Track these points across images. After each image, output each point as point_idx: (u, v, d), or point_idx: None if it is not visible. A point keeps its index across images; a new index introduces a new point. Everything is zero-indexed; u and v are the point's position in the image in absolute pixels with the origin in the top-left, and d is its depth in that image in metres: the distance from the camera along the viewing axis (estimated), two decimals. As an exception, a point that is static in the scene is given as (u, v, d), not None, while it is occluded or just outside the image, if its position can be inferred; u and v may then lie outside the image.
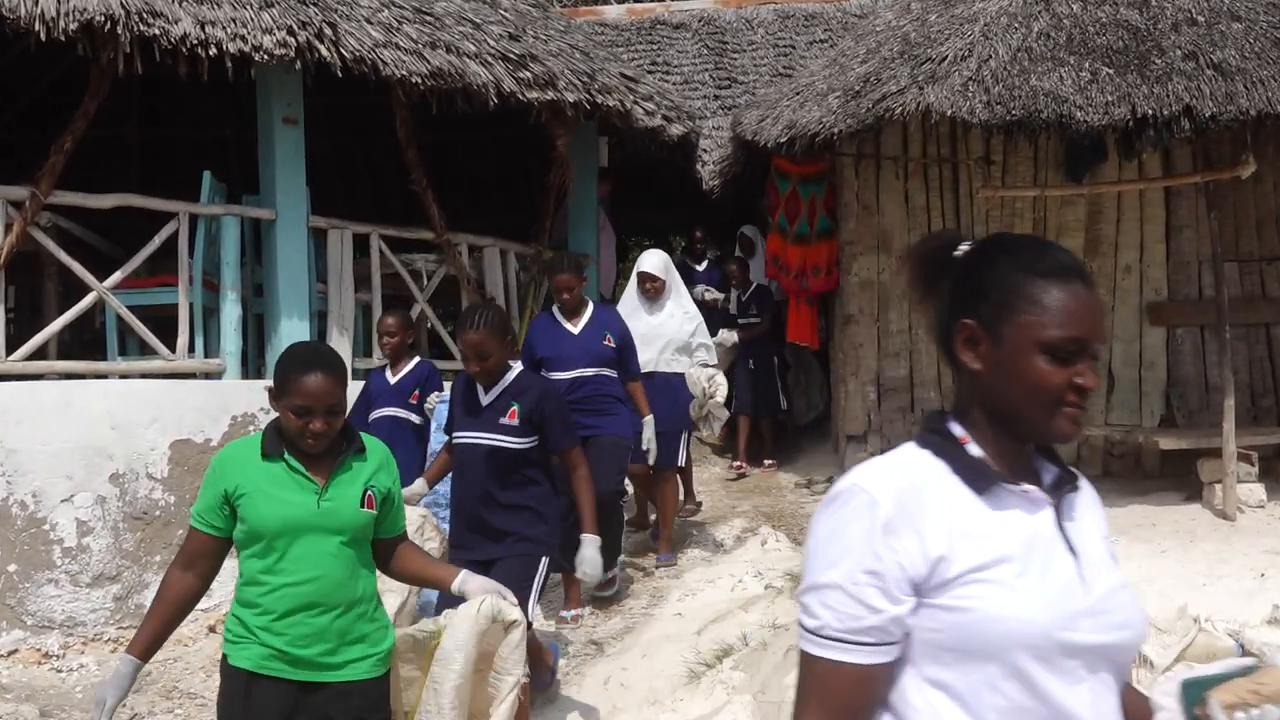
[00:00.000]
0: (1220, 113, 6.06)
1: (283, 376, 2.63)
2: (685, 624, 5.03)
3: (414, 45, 6.25)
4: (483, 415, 3.91)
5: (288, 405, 2.59)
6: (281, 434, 2.68)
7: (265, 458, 2.65)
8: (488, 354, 3.80)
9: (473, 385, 3.99)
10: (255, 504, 2.60)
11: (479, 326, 3.79)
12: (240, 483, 2.63)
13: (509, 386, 3.94)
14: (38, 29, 5.14)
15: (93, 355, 6.39)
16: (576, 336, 5.26)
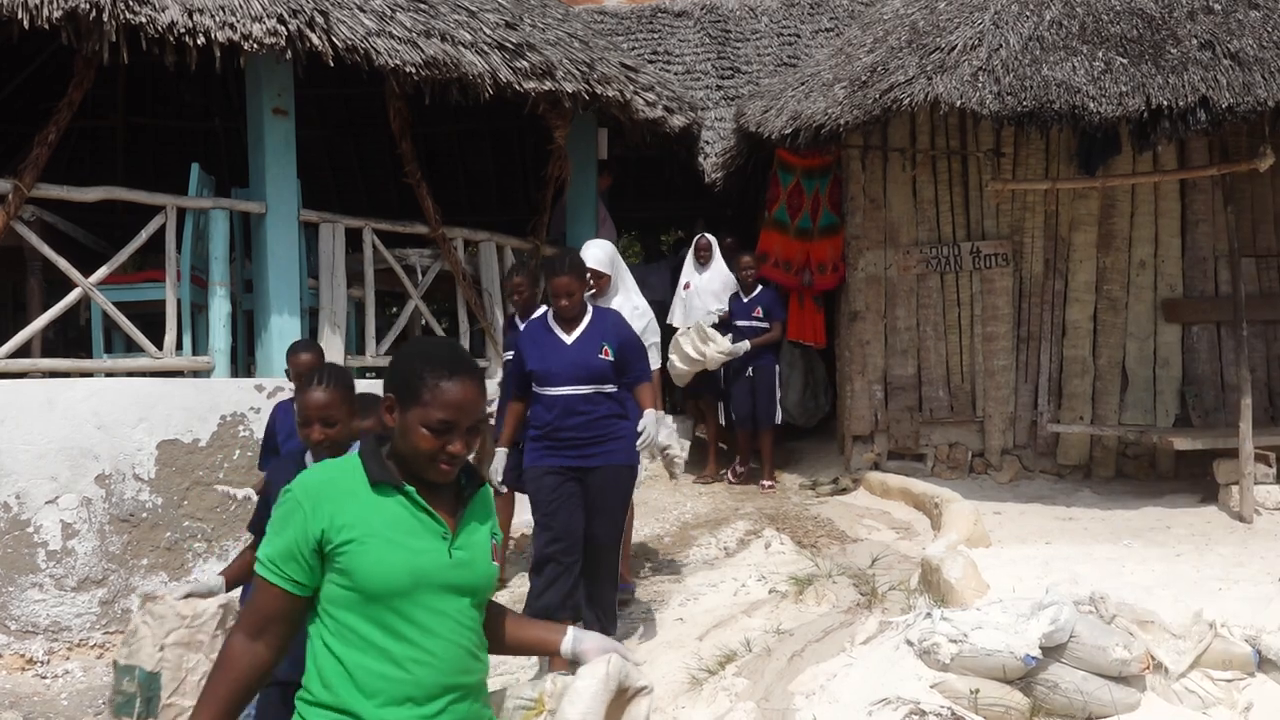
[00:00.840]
0: (1237, 103, 5.93)
1: (416, 380, 2.00)
2: (687, 629, 4.93)
3: (408, 34, 6.13)
4: None
5: (423, 419, 1.97)
6: (397, 458, 2.05)
7: (377, 489, 2.01)
8: (334, 421, 3.13)
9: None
10: (371, 552, 1.94)
11: (326, 385, 3.16)
12: (346, 522, 1.96)
13: None
14: (20, 17, 5.02)
15: (78, 353, 6.28)
16: (568, 348, 4.51)
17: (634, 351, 4.59)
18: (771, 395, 7.62)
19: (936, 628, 4.06)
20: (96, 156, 9.57)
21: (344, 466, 2.06)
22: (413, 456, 2.01)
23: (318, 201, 6.83)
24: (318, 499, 1.98)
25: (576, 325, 4.53)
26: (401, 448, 2.02)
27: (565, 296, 4.47)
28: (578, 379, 4.45)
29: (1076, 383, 7.24)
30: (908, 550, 5.72)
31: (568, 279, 4.47)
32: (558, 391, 4.46)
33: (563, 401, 4.44)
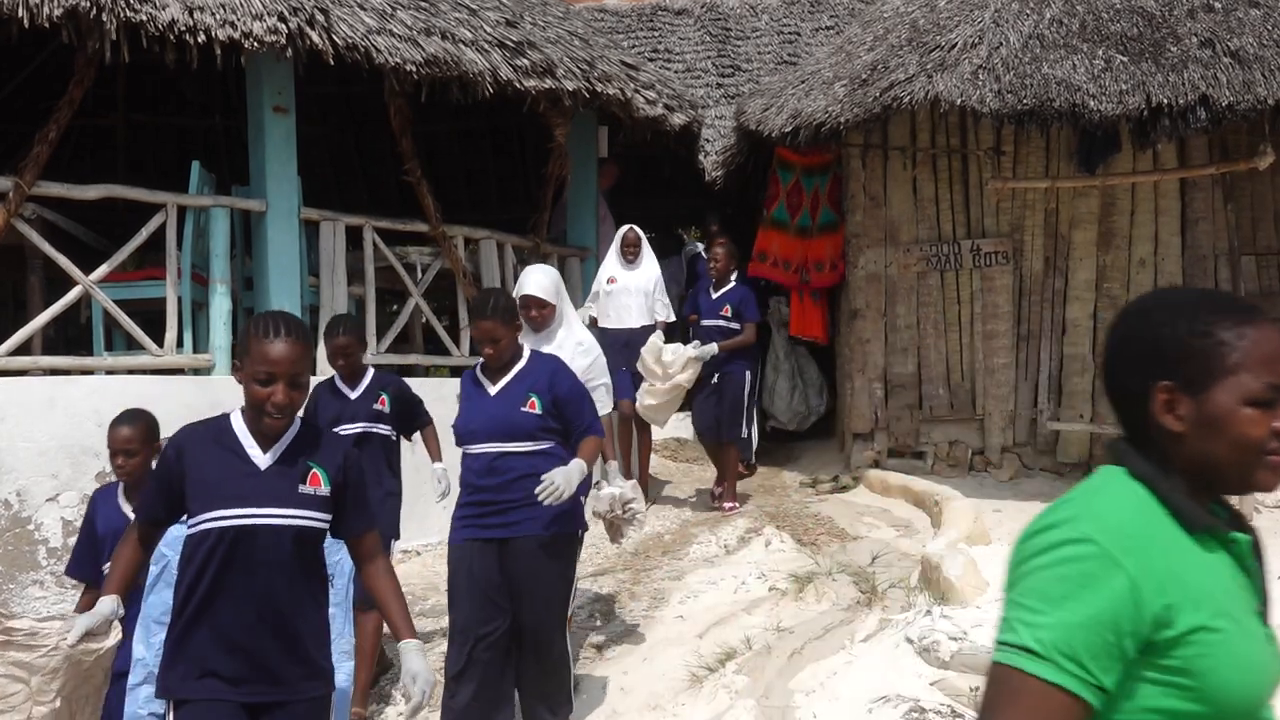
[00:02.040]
0: (1237, 102, 5.94)
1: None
2: (687, 627, 4.93)
3: (408, 32, 6.14)
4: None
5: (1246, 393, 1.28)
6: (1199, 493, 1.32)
7: (1200, 540, 1.28)
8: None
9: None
10: (1229, 645, 1.23)
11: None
12: (1189, 596, 1.23)
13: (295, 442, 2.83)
14: (20, 15, 5.03)
15: (79, 351, 6.26)
16: (490, 400, 3.93)
17: (575, 403, 3.95)
18: (737, 407, 6.88)
19: (936, 625, 4.07)
20: (97, 154, 9.56)
21: (1127, 496, 1.30)
22: (1227, 465, 1.29)
23: (318, 199, 6.83)
24: (1146, 554, 1.23)
25: (504, 374, 3.92)
26: (1206, 453, 1.29)
27: (490, 343, 3.85)
28: (497, 435, 3.84)
29: (1076, 380, 7.24)
30: (908, 548, 5.72)
31: (492, 324, 3.83)
32: (478, 449, 3.88)
33: (482, 461, 3.86)
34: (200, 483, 2.54)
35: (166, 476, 2.59)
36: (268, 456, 2.58)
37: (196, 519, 2.53)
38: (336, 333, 4.61)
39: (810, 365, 8.10)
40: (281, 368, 2.47)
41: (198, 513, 2.53)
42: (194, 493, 2.54)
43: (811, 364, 8.11)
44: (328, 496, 2.60)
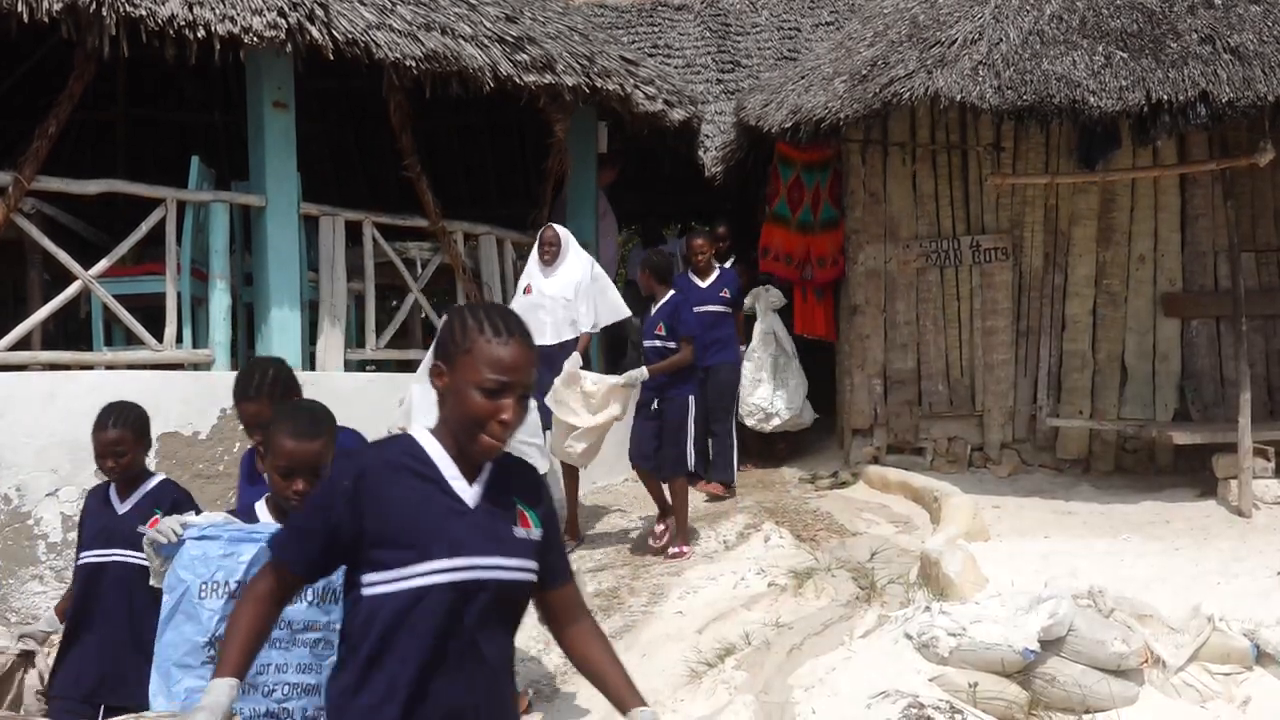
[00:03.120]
0: (1237, 98, 5.94)
1: None
2: (686, 622, 4.94)
3: (408, 27, 6.13)
4: None
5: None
6: None
7: None
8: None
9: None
10: None
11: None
12: None
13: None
14: (20, 10, 5.02)
15: (78, 346, 6.26)
16: None
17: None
18: (680, 437, 5.99)
19: (935, 621, 4.07)
20: (97, 150, 9.55)
21: None
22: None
23: (318, 195, 6.82)
24: None
25: None
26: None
27: (260, 429, 2.82)
28: None
29: (1076, 377, 7.25)
30: (907, 544, 5.73)
31: (258, 406, 2.98)
32: None
33: None
34: (399, 525, 1.92)
35: (337, 514, 1.92)
36: (474, 490, 1.98)
37: (392, 574, 1.90)
38: (106, 425, 3.36)
39: (791, 371, 7.51)
40: (518, 375, 1.91)
41: (395, 564, 1.90)
42: (389, 538, 1.91)
43: (793, 370, 7.51)
44: (539, 542, 2.04)
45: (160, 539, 2.49)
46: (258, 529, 2.47)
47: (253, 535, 2.44)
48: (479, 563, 1.93)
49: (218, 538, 2.45)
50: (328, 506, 1.95)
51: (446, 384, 1.95)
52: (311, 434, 2.42)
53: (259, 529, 2.46)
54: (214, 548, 2.45)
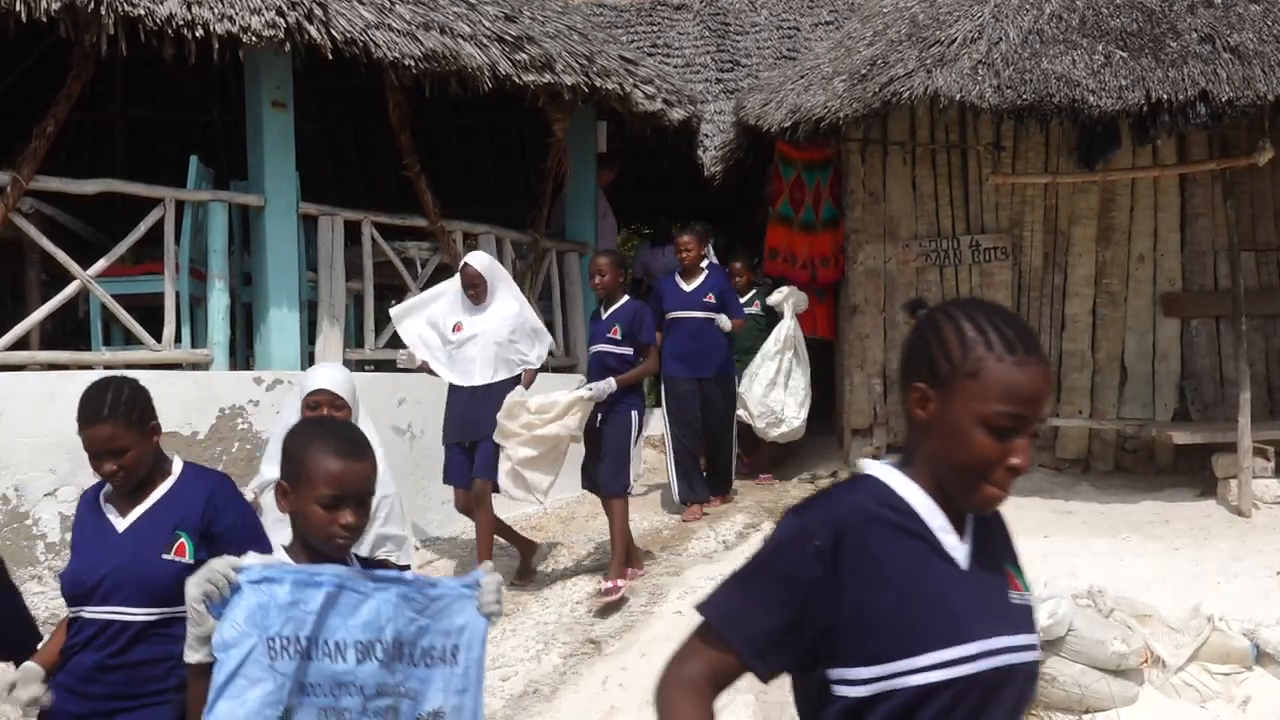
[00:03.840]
0: (1237, 98, 5.92)
1: None
2: (686, 622, 4.91)
3: (407, 26, 6.12)
4: None
5: None
6: None
7: None
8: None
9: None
10: None
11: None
12: None
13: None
14: (18, 9, 5.01)
15: (76, 346, 6.25)
16: (119, 538, 2.68)
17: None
18: (622, 456, 5.44)
19: (935, 621, 4.06)
20: (95, 149, 9.55)
21: None
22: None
23: (316, 194, 6.81)
24: None
25: (139, 500, 2.61)
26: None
27: (110, 457, 2.51)
28: (122, 592, 2.53)
29: (1075, 376, 7.24)
30: (906, 543, 5.70)
31: (112, 429, 2.51)
32: (92, 613, 2.54)
33: (86, 633, 2.55)
34: (892, 600, 1.43)
35: (806, 586, 1.43)
36: (965, 548, 1.52)
37: (882, 669, 1.41)
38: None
39: (800, 372, 7.18)
40: (1035, 409, 1.47)
41: (887, 655, 1.41)
42: (877, 618, 1.42)
43: (801, 370, 7.19)
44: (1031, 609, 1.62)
45: (213, 588, 1.88)
46: (319, 571, 1.96)
47: (316, 579, 1.94)
48: (993, 646, 1.44)
49: (280, 580, 1.92)
50: (793, 576, 1.43)
51: (931, 414, 1.47)
52: (359, 451, 2.00)
53: (320, 571, 1.96)
54: (279, 594, 1.91)
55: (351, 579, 1.98)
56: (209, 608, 1.90)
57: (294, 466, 1.99)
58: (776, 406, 7.12)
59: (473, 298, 5.58)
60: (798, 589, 1.42)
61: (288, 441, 2.01)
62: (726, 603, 1.48)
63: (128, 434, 2.52)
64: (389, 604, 2.00)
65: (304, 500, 1.96)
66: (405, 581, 2.05)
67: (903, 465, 1.53)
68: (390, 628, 1.99)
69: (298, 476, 1.98)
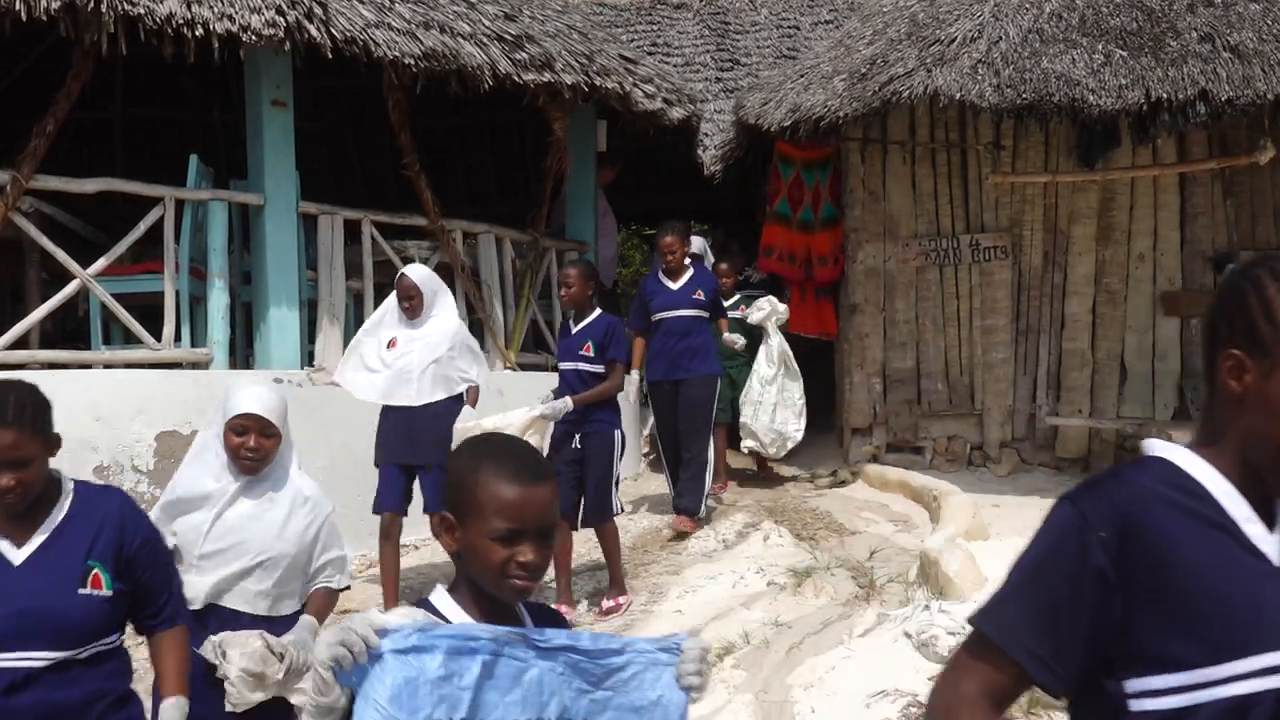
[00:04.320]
0: (1237, 97, 5.94)
1: None
2: (685, 621, 4.93)
3: (406, 25, 6.11)
4: None
5: None
6: None
7: None
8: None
9: None
10: None
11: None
12: None
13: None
14: (18, 8, 5.00)
15: (76, 345, 6.25)
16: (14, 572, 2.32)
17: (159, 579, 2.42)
18: (605, 480, 5.12)
19: (935, 620, 4.07)
20: (95, 148, 9.54)
21: None
22: None
23: (316, 194, 6.80)
24: None
25: (36, 527, 2.25)
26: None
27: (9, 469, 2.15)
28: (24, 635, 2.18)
29: (1075, 376, 7.24)
30: (906, 543, 5.72)
31: (15, 435, 2.14)
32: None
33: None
34: (1194, 598, 1.25)
35: (1094, 583, 1.26)
36: (1274, 539, 1.30)
37: (1187, 677, 1.24)
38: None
39: (795, 385, 7.01)
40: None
41: (1192, 661, 1.24)
42: (1179, 618, 1.25)
43: (796, 384, 7.01)
44: None
45: (347, 654, 1.48)
46: (475, 634, 1.56)
47: (471, 644, 1.55)
48: None
49: (432, 649, 1.54)
50: (1075, 574, 1.27)
51: (1248, 386, 1.28)
52: (540, 474, 1.61)
53: (476, 633, 1.56)
54: (429, 666, 1.54)
55: (511, 643, 1.56)
56: (338, 676, 1.52)
57: (461, 493, 1.61)
58: (782, 427, 6.97)
59: (408, 311, 5.12)
60: (1082, 588, 1.25)
61: (453, 462, 1.65)
62: (1002, 611, 1.33)
63: (32, 443, 2.14)
64: (554, 674, 1.58)
65: (473, 535, 1.59)
66: (578, 647, 1.59)
67: (1199, 445, 1.33)
68: (554, 704, 1.58)
69: (466, 505, 1.60)
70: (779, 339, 6.96)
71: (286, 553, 2.87)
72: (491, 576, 1.57)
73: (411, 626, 1.54)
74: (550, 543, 1.61)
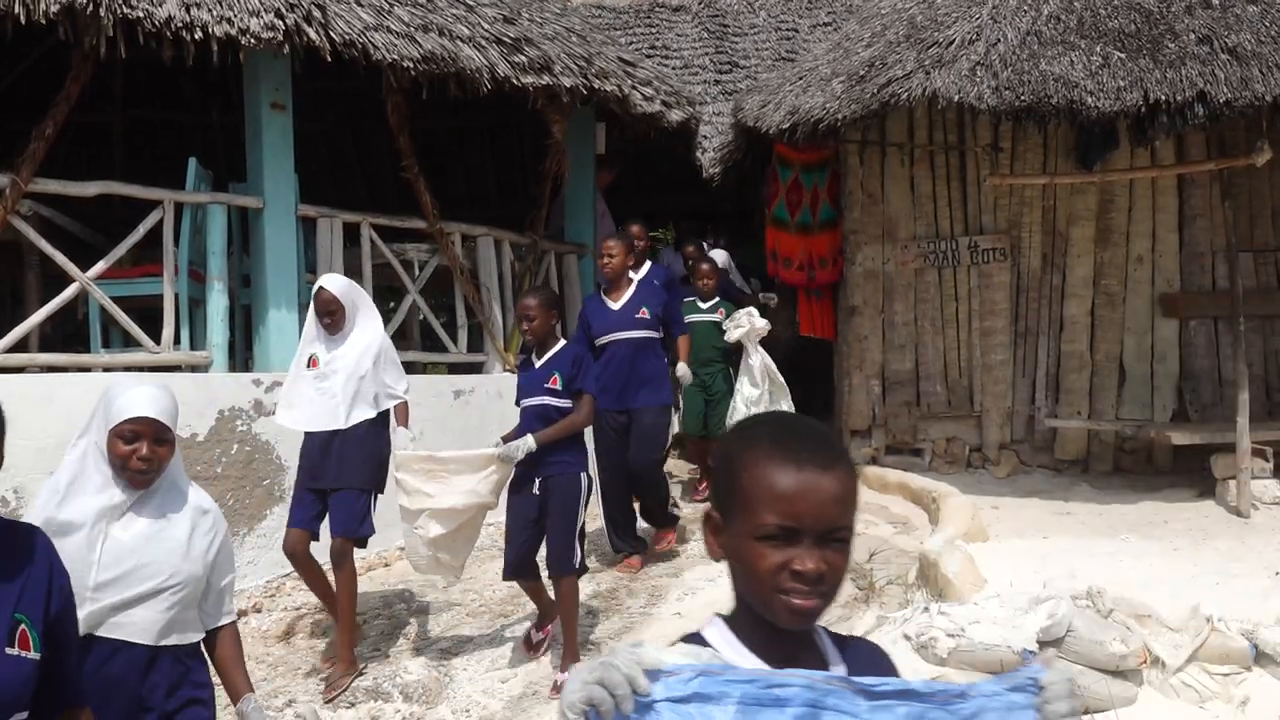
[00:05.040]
0: (1235, 98, 5.93)
1: None
2: (685, 624, 4.92)
3: (405, 28, 6.12)
4: None
5: None
6: None
7: None
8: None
9: None
10: None
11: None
12: None
13: None
14: (17, 11, 5.00)
15: (75, 348, 6.25)
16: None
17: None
18: (570, 525, 4.47)
19: (934, 622, 4.07)
20: (94, 151, 9.54)
21: None
22: None
23: (315, 196, 6.81)
24: None
25: None
26: None
27: None
28: None
29: (1074, 378, 7.25)
30: (905, 544, 5.72)
31: None
32: None
33: None
34: None
35: None
36: None
37: None
38: None
39: (784, 398, 6.67)
40: None
41: None
42: None
43: (785, 397, 6.68)
44: None
45: (606, 697, 1.15)
46: (783, 679, 1.18)
47: (777, 695, 1.17)
48: None
49: (721, 699, 1.17)
50: None
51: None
52: (828, 459, 1.26)
53: (783, 681, 1.18)
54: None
55: (834, 693, 1.18)
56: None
57: (727, 481, 1.29)
58: None
59: (328, 327, 4.68)
60: None
61: (722, 442, 1.36)
62: None
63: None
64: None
65: (739, 536, 1.25)
66: (917, 692, 1.21)
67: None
68: None
69: (731, 496, 1.27)
70: (760, 356, 6.63)
71: (195, 574, 2.53)
72: (760, 590, 1.23)
73: (693, 668, 1.18)
74: (844, 550, 1.25)
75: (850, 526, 1.27)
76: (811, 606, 1.22)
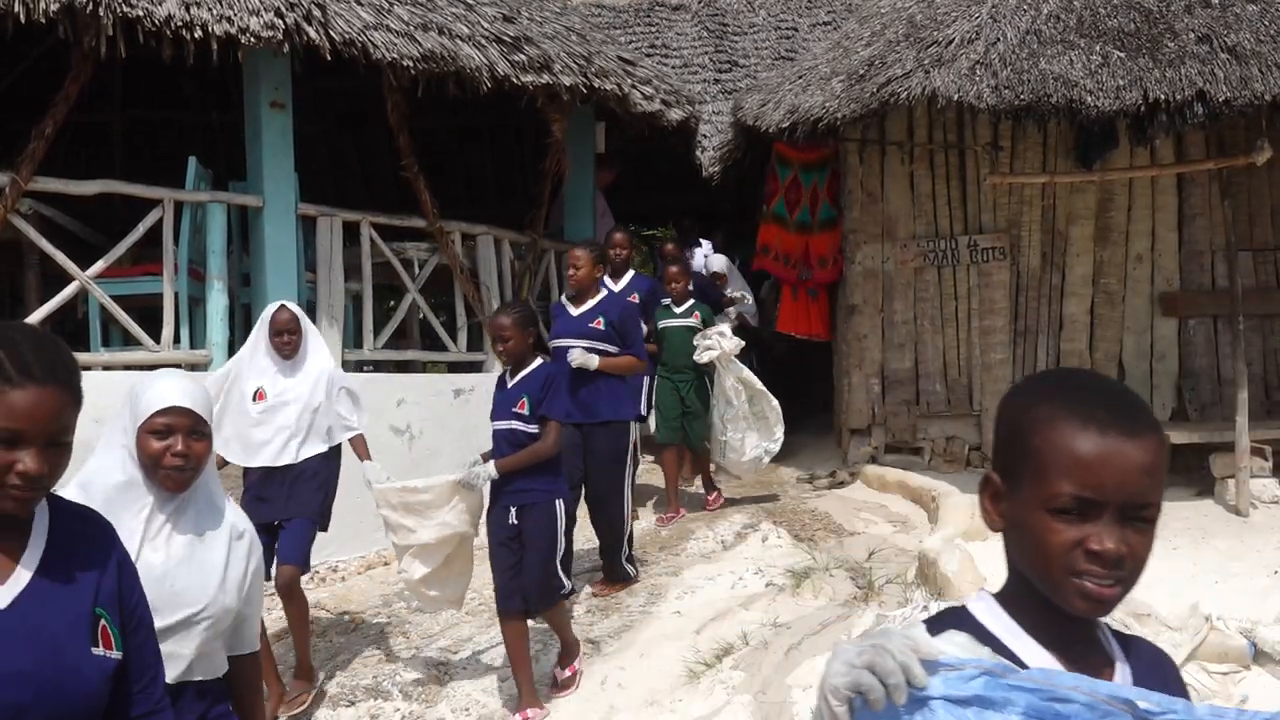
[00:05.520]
0: (1234, 97, 5.94)
1: None
2: (684, 623, 4.93)
3: (405, 28, 6.12)
4: None
5: None
6: None
7: None
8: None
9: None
10: None
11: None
12: None
13: None
14: (16, 10, 5.01)
15: (75, 346, 6.23)
16: None
17: None
18: (549, 556, 4.24)
19: (933, 621, 4.06)
20: (94, 150, 9.55)
21: None
22: None
23: (315, 195, 6.81)
24: None
25: None
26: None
27: None
28: None
29: (1073, 376, 7.25)
30: (905, 543, 5.73)
31: None
32: None
33: None
34: None
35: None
36: None
37: None
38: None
39: (765, 402, 6.48)
40: None
41: None
42: None
43: (766, 399, 6.49)
44: None
45: (876, 684, 1.03)
46: (1067, 692, 1.05)
47: (1059, 707, 1.05)
48: None
49: (1003, 705, 1.05)
50: None
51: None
52: (1141, 424, 1.13)
53: (1069, 692, 1.05)
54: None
55: (1114, 715, 1.04)
56: (855, 715, 1.04)
57: (1014, 444, 1.16)
58: (759, 451, 6.53)
59: (284, 348, 4.43)
60: None
61: (1008, 401, 1.22)
62: None
63: (75, 411, 1.66)
64: None
65: (1025, 506, 1.14)
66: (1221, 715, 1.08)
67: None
68: None
69: (1018, 460, 1.15)
70: (732, 377, 6.41)
71: (228, 606, 2.21)
72: (1048, 570, 1.11)
73: (977, 665, 1.05)
74: (1148, 531, 1.11)
75: (1158, 504, 1.11)
76: (1109, 595, 1.09)
